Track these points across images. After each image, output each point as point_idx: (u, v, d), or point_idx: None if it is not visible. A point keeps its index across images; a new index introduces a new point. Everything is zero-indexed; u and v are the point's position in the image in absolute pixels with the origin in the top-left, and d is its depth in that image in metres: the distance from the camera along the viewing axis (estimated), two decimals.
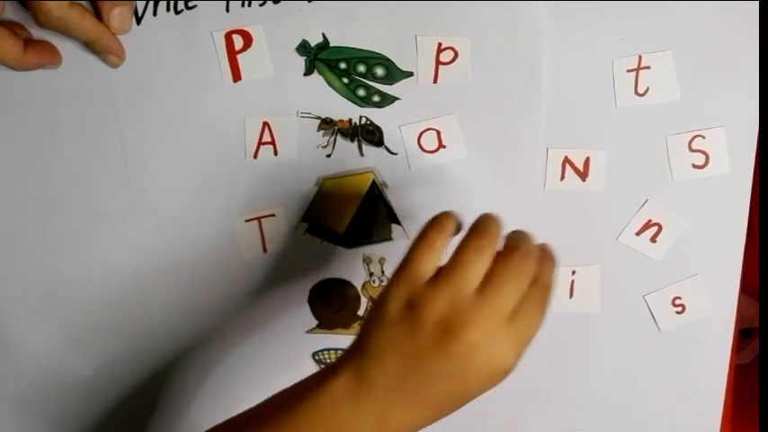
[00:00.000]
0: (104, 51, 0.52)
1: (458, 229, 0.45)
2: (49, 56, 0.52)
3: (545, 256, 0.46)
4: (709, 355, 0.60)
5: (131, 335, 0.59)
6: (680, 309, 0.60)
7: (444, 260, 0.43)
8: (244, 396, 0.60)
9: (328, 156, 0.57)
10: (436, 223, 0.45)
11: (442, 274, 0.43)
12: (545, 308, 0.44)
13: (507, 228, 0.57)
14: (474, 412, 0.60)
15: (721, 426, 0.61)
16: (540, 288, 0.44)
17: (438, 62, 0.55)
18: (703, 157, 0.57)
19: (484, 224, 0.44)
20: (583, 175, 0.57)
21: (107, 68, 0.54)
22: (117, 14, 0.51)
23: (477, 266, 0.42)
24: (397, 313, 0.42)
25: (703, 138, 0.56)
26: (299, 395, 0.44)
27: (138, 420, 0.61)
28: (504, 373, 0.43)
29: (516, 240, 0.44)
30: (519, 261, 0.43)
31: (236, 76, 0.55)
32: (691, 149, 0.57)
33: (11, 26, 0.50)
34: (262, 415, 0.45)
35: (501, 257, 0.43)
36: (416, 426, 0.43)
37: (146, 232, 0.57)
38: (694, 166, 0.57)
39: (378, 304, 0.44)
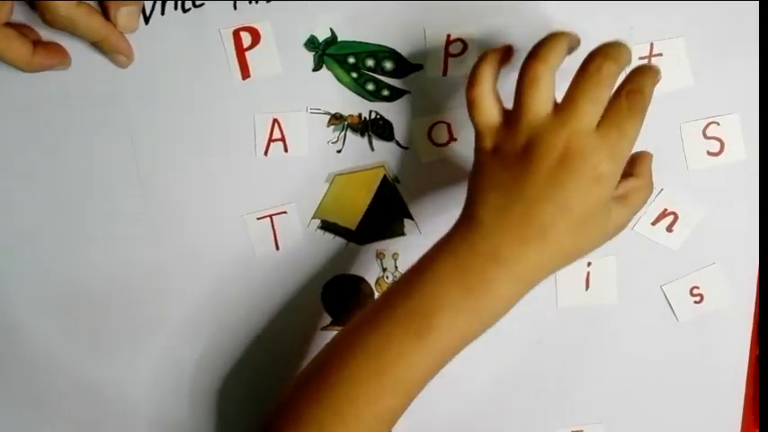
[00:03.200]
0: (112, 51, 0.53)
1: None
2: (59, 57, 0.52)
3: (646, 69, 0.46)
4: (730, 345, 0.60)
5: (146, 335, 0.59)
6: (698, 298, 0.59)
7: None
8: (261, 394, 0.60)
9: (339, 151, 0.57)
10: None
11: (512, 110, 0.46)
12: (640, 115, 0.45)
13: None
14: (492, 405, 0.60)
15: (743, 414, 0.60)
16: (632, 96, 0.45)
17: (447, 54, 0.55)
18: (718, 144, 0.56)
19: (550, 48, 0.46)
20: None
21: (117, 69, 0.54)
22: (124, 13, 0.51)
23: (544, 93, 0.45)
24: (483, 156, 0.46)
25: (718, 125, 0.56)
26: (426, 259, 0.46)
27: (156, 420, 0.61)
28: (603, 179, 0.43)
29: (604, 51, 0.45)
30: (595, 80, 0.44)
31: (245, 73, 0.55)
32: (705, 137, 0.56)
33: (19, 28, 0.51)
34: (391, 294, 0.48)
35: (580, 74, 0.45)
36: (535, 266, 0.44)
37: (158, 232, 0.57)
38: (709, 153, 0.56)
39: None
